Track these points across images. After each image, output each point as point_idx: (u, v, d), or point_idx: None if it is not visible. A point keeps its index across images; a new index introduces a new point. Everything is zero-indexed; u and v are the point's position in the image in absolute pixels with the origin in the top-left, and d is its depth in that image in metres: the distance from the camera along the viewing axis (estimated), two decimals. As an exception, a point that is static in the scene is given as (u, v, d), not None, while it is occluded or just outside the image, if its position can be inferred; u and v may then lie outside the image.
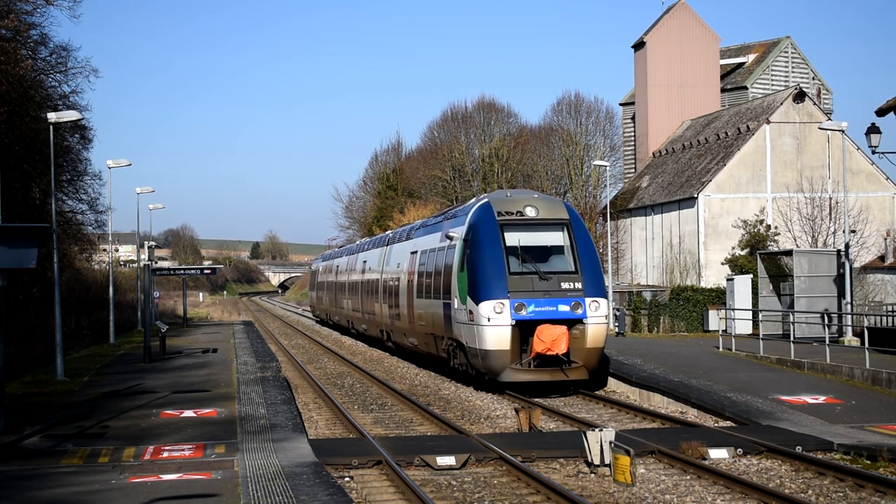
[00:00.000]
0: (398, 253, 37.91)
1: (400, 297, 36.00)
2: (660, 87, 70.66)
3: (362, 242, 52.90)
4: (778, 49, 72.02)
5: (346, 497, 13.51)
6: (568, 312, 26.31)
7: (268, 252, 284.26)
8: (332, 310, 60.67)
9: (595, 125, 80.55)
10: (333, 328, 62.85)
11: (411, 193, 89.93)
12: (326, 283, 63.45)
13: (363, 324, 46.60)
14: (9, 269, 19.01)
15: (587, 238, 27.85)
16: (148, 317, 38.25)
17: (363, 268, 46.49)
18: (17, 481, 15.02)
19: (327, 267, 64.30)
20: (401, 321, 36.20)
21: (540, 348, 25.81)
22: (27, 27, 40.91)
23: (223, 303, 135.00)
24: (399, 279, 36.40)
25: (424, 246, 33.08)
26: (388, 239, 41.93)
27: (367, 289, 44.64)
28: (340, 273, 55.79)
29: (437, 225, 32.80)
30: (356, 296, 48.24)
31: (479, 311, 26.18)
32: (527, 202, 28.20)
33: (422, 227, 35.79)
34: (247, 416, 21.21)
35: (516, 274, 26.52)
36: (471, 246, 27.21)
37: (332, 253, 67.74)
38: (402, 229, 40.85)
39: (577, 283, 26.61)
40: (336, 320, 58.98)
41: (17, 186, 42.76)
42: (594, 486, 15.64)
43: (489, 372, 26.54)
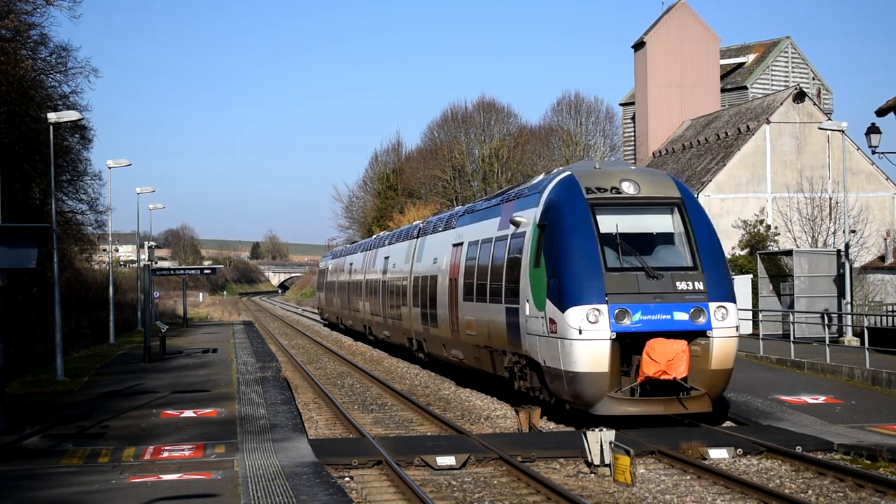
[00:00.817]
0: (435, 246, 31.99)
1: (438, 300, 30.01)
2: (660, 87, 70.66)
3: (382, 236, 46.14)
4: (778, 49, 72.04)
5: (346, 497, 13.51)
6: (686, 322, 19.96)
7: (268, 252, 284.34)
8: (344, 313, 55.20)
9: (595, 125, 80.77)
10: (346, 334, 57.01)
11: (411, 193, 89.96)
12: (338, 284, 57.77)
13: (385, 330, 40.80)
14: (9, 269, 19.03)
15: (706, 223, 21.48)
16: (148, 317, 38.27)
17: (385, 265, 40.73)
18: (17, 481, 15.03)
19: (338, 265, 58.64)
20: (439, 329, 30.22)
21: (651, 370, 19.51)
22: (27, 27, 40.94)
23: (223, 303, 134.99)
24: (436, 278, 30.54)
25: (474, 236, 27.05)
26: (420, 230, 35.81)
27: (390, 289, 38.82)
28: (355, 271, 50.16)
29: (491, 209, 26.52)
30: (376, 297, 42.46)
31: (566, 319, 19.79)
32: (623, 175, 21.90)
33: (468, 212, 29.60)
34: (247, 416, 21.21)
35: (615, 270, 20.24)
36: (550, 233, 21.07)
37: (345, 249, 61.47)
38: (437, 218, 34.70)
39: (698, 283, 20.32)
40: (350, 325, 53.41)
41: (17, 186, 42.77)
42: (594, 486, 15.64)
43: (578, 401, 20.19)
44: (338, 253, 63.45)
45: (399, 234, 40.98)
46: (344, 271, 54.89)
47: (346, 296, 53.01)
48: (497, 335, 24.07)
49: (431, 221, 35.06)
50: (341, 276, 56.04)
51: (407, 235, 38.11)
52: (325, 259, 72.64)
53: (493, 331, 24.33)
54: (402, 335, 36.96)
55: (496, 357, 24.62)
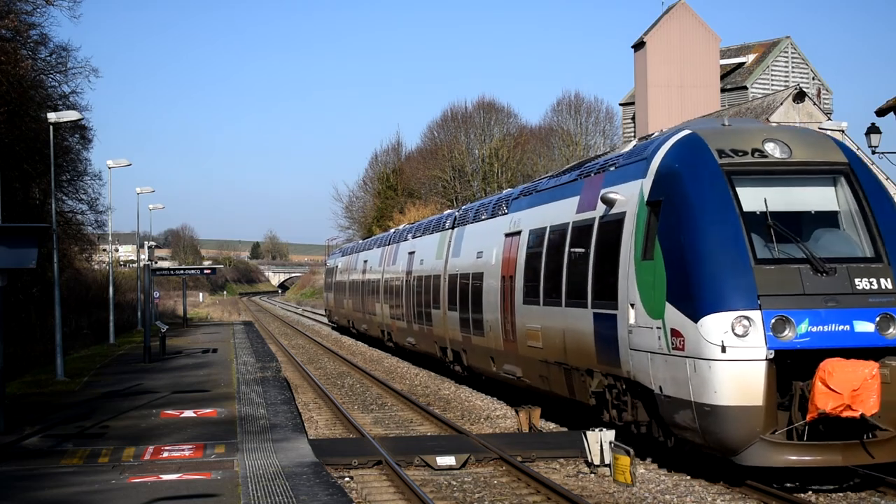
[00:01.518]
0: (477, 237, 27.15)
1: (485, 302, 25.07)
2: (660, 87, 70.65)
3: (403, 229, 41.36)
4: (778, 49, 72.02)
5: (346, 497, 13.51)
6: (872, 335, 14.57)
7: (268, 252, 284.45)
8: (357, 316, 50.09)
9: (595, 125, 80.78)
10: (360, 339, 52.12)
11: (411, 193, 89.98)
12: (349, 283, 52.72)
13: (410, 337, 36.07)
14: (9, 269, 19.03)
15: (887, 197, 16.10)
16: (148, 317, 38.29)
17: (410, 262, 36.03)
18: (17, 481, 15.02)
19: (350, 263, 53.70)
20: (485, 338, 25.19)
21: (829, 404, 14.07)
22: (27, 27, 40.95)
23: (223, 303, 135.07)
24: (481, 275, 25.67)
25: (539, 222, 21.69)
26: (456, 219, 30.79)
27: (417, 290, 33.87)
28: (371, 269, 45.22)
29: (564, 187, 20.86)
30: (397, 299, 37.70)
31: (701, 332, 14.58)
32: (766, 134, 16.58)
33: (525, 194, 24.01)
34: (247, 416, 21.21)
35: (768, 262, 14.88)
36: (670, 212, 15.66)
37: (357, 245, 56.30)
38: (479, 204, 29.32)
39: (885, 280, 14.91)
40: (364, 329, 48.13)
41: (17, 186, 42.76)
42: (594, 486, 15.63)
43: (716, 444, 14.80)
44: (348, 250, 58.38)
45: (426, 225, 36.06)
46: (357, 269, 50.15)
47: (360, 297, 47.99)
48: (579, 349, 18.78)
49: (471, 208, 29.78)
50: (353, 275, 51.18)
51: (438, 227, 33.12)
52: (333, 257, 67.87)
53: (573, 343, 19.04)
54: (431, 343, 32.14)
55: (575, 378, 19.16)
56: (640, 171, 16.97)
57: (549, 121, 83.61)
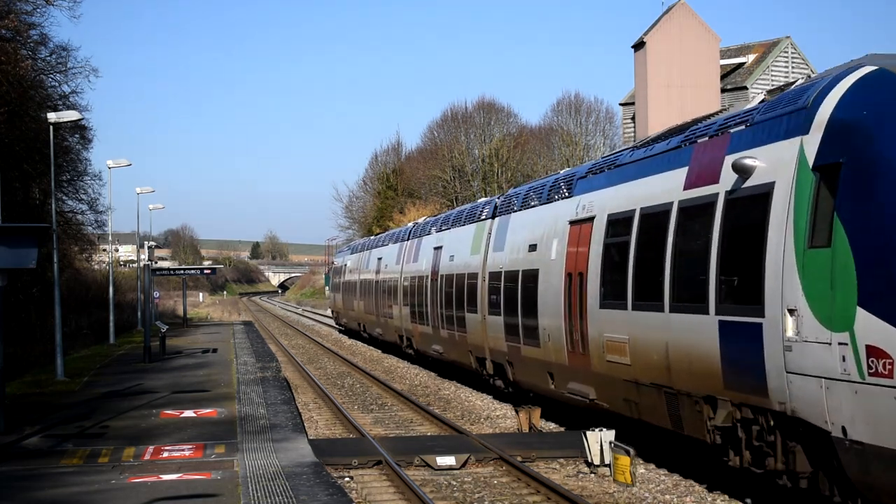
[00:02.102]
0: (528, 227, 22.80)
1: (541, 306, 20.82)
2: (660, 87, 70.60)
3: (425, 223, 36.90)
4: (778, 49, 72.02)
5: (346, 497, 13.50)
6: None
7: (268, 252, 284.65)
8: (369, 319, 45.75)
9: (595, 125, 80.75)
10: (372, 344, 47.80)
11: (411, 193, 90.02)
12: (360, 283, 48.37)
13: (435, 344, 31.82)
14: (9, 269, 19.03)
15: None
16: (148, 317, 38.30)
17: (435, 259, 31.77)
18: (17, 481, 15.02)
19: (361, 261, 49.42)
20: (541, 349, 20.94)
21: None
22: (27, 27, 40.98)
23: (223, 303, 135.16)
24: (534, 273, 21.38)
25: (621, 204, 17.22)
26: (497, 207, 26.38)
27: (446, 290, 29.74)
28: (386, 268, 41.34)
29: (657, 159, 16.48)
30: (419, 300, 33.61)
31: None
32: None
33: (595, 171, 19.52)
34: (247, 416, 21.21)
35: None
36: (860, 179, 11.46)
37: (369, 242, 51.06)
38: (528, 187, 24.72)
39: None
40: (378, 334, 43.92)
41: (17, 186, 42.77)
42: (594, 486, 15.62)
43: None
44: (358, 246, 54.19)
45: (455, 216, 31.65)
46: (369, 268, 46.03)
47: (374, 298, 43.96)
48: (692, 369, 14.48)
49: (517, 194, 25.22)
50: (365, 274, 47.08)
51: (472, 217, 28.94)
52: (340, 254, 63.35)
53: (682, 361, 14.75)
54: (464, 352, 28.13)
55: (685, 406, 14.91)
56: (796, 126, 12.57)
57: (549, 121, 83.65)
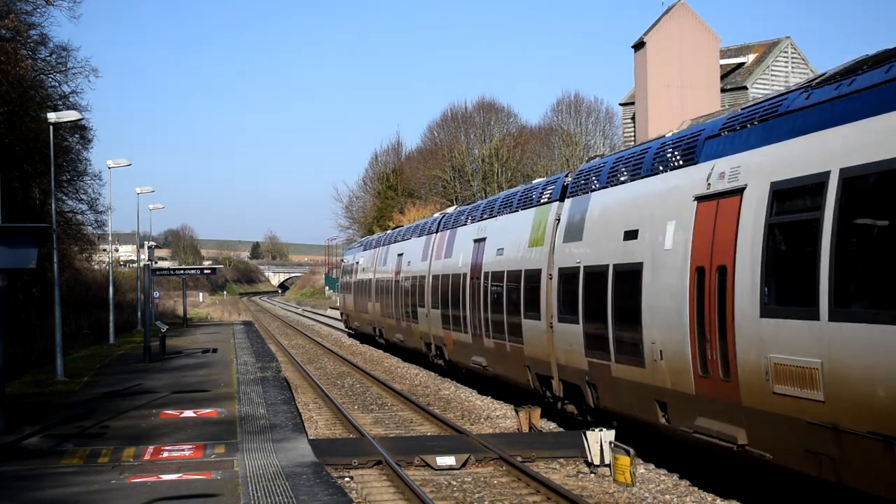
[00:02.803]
0: (619, 209, 17.76)
1: (646, 311, 16.00)
2: (660, 87, 70.60)
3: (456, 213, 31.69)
4: (778, 49, 72.02)
5: (346, 497, 13.50)
6: None
7: (268, 252, 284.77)
8: (387, 324, 41.47)
9: (595, 125, 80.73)
10: (389, 350, 43.35)
11: (411, 193, 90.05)
12: (377, 283, 43.86)
13: (477, 355, 26.99)
14: (9, 269, 19.02)
15: None
16: (148, 317, 38.28)
17: (475, 254, 27.04)
18: (17, 481, 15.01)
19: (376, 258, 44.76)
20: (648, 369, 15.99)
21: None
22: (27, 27, 40.98)
23: (223, 303, 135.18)
24: (635, 269, 16.46)
25: (799, 166, 12.29)
26: (566, 189, 20.82)
27: (491, 291, 25.01)
28: (408, 266, 36.80)
29: (862, 95, 11.32)
30: (453, 303, 29.17)
31: None
32: None
33: (732, 127, 14.35)
34: (247, 416, 21.21)
35: None
36: None
37: (386, 236, 45.72)
38: (610, 160, 19.17)
39: None
40: (399, 340, 39.36)
41: (17, 186, 42.78)
42: (594, 486, 15.62)
43: None
44: (373, 242, 48.93)
45: (502, 202, 26.16)
46: (387, 266, 41.53)
47: (393, 300, 39.70)
48: None
49: (595, 168, 19.40)
50: (382, 273, 42.65)
51: (527, 201, 23.51)
52: (351, 251, 58.68)
53: None
54: (518, 367, 22.93)
55: None
56: None
57: (549, 121, 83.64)
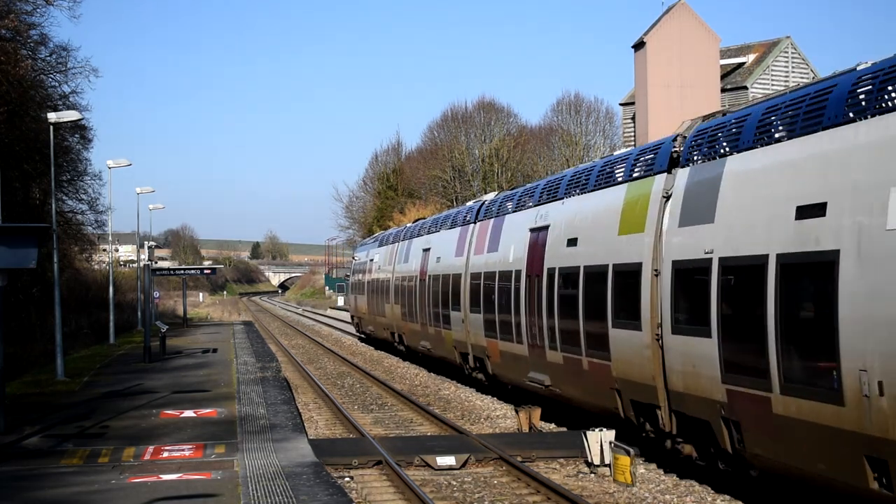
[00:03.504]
0: (793, 177, 12.14)
1: (845, 321, 10.77)
2: (660, 87, 70.60)
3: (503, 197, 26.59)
4: (778, 49, 72.02)
5: (346, 497, 13.50)
6: None
7: (268, 252, 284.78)
8: (410, 329, 36.08)
9: (595, 125, 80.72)
10: (410, 359, 38.21)
11: (411, 193, 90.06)
12: (396, 283, 38.57)
13: (537, 371, 21.83)
14: (9, 269, 19.02)
15: None
16: (148, 317, 38.27)
17: (536, 245, 21.68)
18: (17, 481, 15.01)
19: (394, 254, 40.04)
20: (848, 408, 10.70)
21: None
22: (27, 27, 41.00)
23: (223, 303, 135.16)
24: (828, 264, 11.02)
25: None
26: (675, 157, 16.00)
27: (557, 292, 20.13)
28: (438, 263, 31.46)
29: None
30: (508, 305, 23.41)
31: None
32: None
33: None
34: (247, 416, 21.20)
35: None
36: None
37: (407, 230, 40.00)
38: (759, 109, 13.77)
39: None
40: (424, 348, 33.85)
41: (17, 186, 42.78)
42: (594, 486, 15.62)
43: None
44: (390, 237, 43.71)
45: (572, 180, 20.93)
46: (409, 263, 36.47)
47: (417, 302, 34.35)
48: None
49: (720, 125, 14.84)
50: (403, 271, 37.53)
51: (608, 177, 18.89)
52: (363, 248, 52.92)
53: None
54: (601, 391, 18.19)
55: None
56: None
57: (549, 121, 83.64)
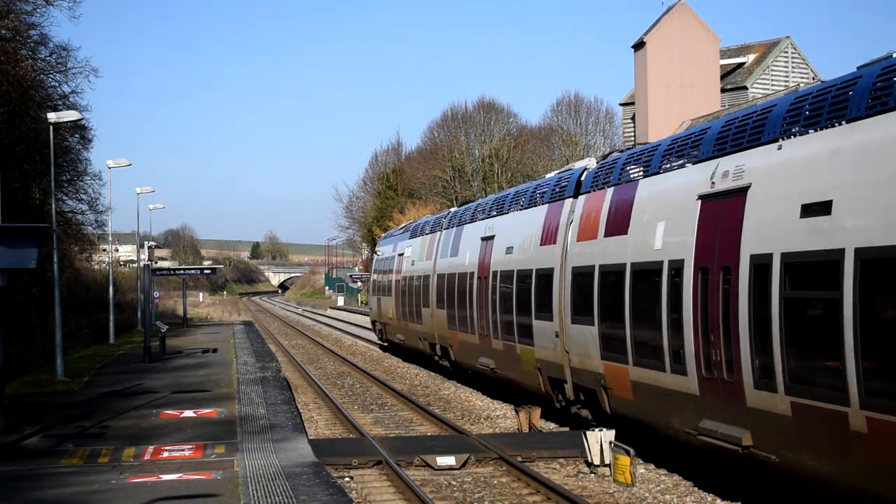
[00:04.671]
0: None
1: None
2: (660, 87, 70.63)
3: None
4: (778, 49, 72.03)
5: (346, 497, 13.50)
6: None
7: (268, 252, 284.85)
8: (461, 342, 28.56)
9: (595, 125, 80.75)
10: (460, 379, 30.40)
11: (411, 193, 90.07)
12: (437, 283, 30.97)
13: (726, 423, 13.61)
14: (9, 269, 19.01)
15: None
16: (148, 317, 38.25)
17: (724, 223, 13.50)
18: (17, 481, 15.01)
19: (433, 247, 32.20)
20: None
21: None
22: (27, 27, 41.00)
23: (223, 303, 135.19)
24: None
25: None
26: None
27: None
28: (506, 257, 24.08)
29: None
30: (642, 309, 16.23)
31: None
32: None
33: None
34: (247, 416, 21.20)
35: None
36: None
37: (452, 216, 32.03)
38: None
39: None
40: (485, 367, 26.10)
41: (17, 186, 42.78)
42: (594, 486, 15.62)
43: None
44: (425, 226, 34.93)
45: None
46: (460, 255, 28.74)
47: (475, 306, 26.52)
48: None
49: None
50: (449, 266, 29.61)
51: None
52: (388, 241, 43.22)
53: None
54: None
55: None
56: None
57: (549, 121, 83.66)
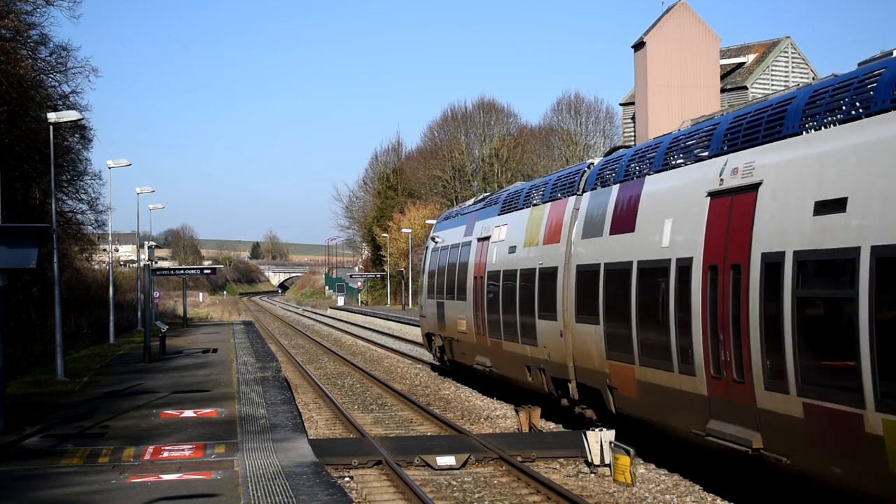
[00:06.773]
0: None
1: None
2: (660, 87, 70.63)
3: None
4: (778, 49, 72.03)
5: (346, 497, 13.50)
6: None
7: (268, 252, 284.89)
8: (596, 366, 18.30)
9: (595, 125, 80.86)
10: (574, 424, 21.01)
11: (411, 193, 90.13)
12: (580, 274, 19.07)
13: None
14: (9, 269, 19.02)
15: None
16: (148, 317, 38.28)
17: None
18: (17, 481, 15.01)
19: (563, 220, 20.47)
20: None
21: None
22: (27, 27, 41.02)
23: (223, 303, 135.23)
24: None
25: None
26: None
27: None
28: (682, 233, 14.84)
29: None
30: None
31: None
32: None
33: None
34: (247, 416, 21.20)
35: None
36: None
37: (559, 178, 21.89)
38: None
39: None
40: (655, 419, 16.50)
41: (17, 186, 42.78)
42: (594, 486, 15.62)
43: None
44: (527, 193, 23.89)
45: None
46: (608, 239, 18.09)
47: (652, 316, 15.97)
48: None
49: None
50: (587, 254, 18.96)
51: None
52: (453, 222, 32.05)
53: None
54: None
55: None
56: None
57: (549, 121, 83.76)
